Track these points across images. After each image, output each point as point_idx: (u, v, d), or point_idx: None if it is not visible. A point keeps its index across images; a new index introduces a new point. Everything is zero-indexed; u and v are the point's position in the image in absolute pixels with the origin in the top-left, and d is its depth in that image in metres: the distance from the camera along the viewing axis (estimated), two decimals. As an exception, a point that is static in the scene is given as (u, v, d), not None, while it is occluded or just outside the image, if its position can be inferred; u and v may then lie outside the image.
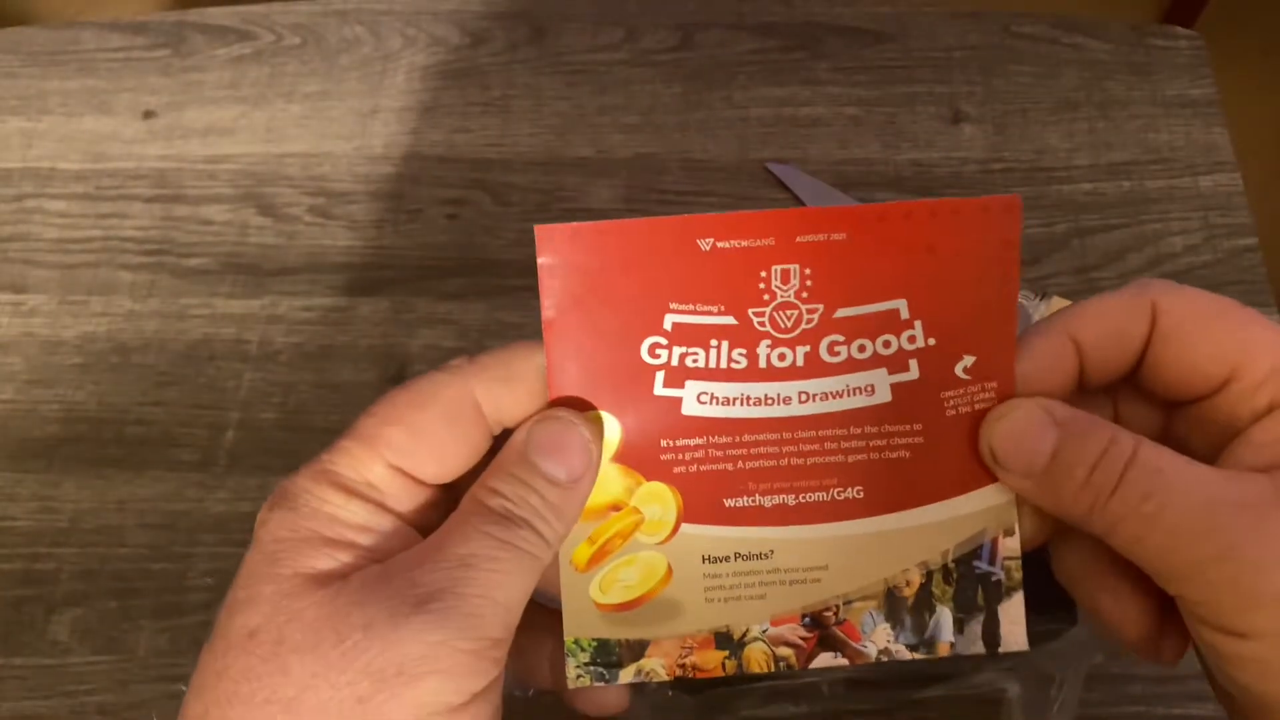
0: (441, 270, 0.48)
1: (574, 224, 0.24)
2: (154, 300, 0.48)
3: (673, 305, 0.25)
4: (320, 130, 0.52)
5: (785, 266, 0.25)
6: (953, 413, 0.26)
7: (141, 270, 0.49)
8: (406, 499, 0.25)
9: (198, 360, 0.47)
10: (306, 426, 0.45)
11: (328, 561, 0.23)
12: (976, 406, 0.26)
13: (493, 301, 0.47)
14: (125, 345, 0.47)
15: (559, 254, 0.24)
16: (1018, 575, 0.27)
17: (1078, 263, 0.48)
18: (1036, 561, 0.27)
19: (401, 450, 0.25)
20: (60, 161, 0.52)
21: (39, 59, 0.55)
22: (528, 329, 0.47)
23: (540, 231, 0.24)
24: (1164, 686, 0.39)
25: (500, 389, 0.25)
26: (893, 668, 0.35)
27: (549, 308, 0.25)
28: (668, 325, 0.25)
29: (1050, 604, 0.28)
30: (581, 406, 0.26)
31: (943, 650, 0.27)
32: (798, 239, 0.25)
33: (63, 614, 0.42)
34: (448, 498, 0.26)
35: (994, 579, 0.27)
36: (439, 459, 0.25)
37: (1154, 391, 0.26)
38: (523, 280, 0.48)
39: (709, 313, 0.25)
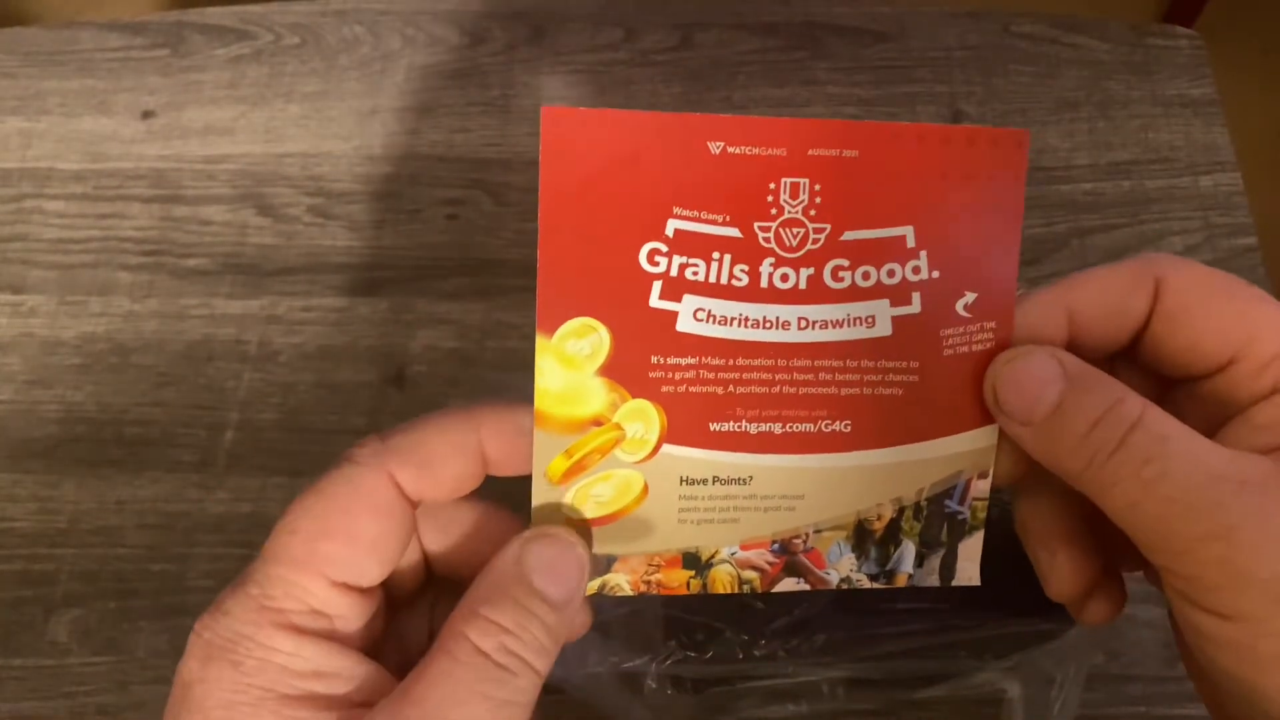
0: (441, 270, 0.48)
1: (584, 109, 0.23)
2: (153, 301, 0.48)
3: (676, 210, 0.24)
4: (319, 130, 0.52)
5: (795, 180, 0.24)
6: (950, 352, 0.26)
7: (140, 270, 0.49)
8: (354, 615, 0.23)
9: (197, 361, 0.47)
10: (306, 427, 0.45)
11: None
12: (974, 347, 0.26)
13: (492, 301, 0.47)
14: (124, 346, 0.47)
15: (564, 141, 0.23)
16: (982, 515, 0.27)
17: (1078, 263, 0.48)
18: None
19: (343, 565, 0.23)
20: (59, 162, 0.52)
21: (38, 59, 0.54)
22: (527, 329, 0.47)
23: (547, 113, 0.23)
24: (1164, 687, 0.39)
25: (418, 474, 0.24)
26: (893, 668, 0.35)
27: (547, 199, 0.23)
28: (669, 231, 0.24)
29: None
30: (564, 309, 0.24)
31: (900, 581, 0.27)
32: (810, 152, 0.24)
33: (62, 615, 0.42)
34: (383, 594, 0.25)
35: (960, 518, 0.27)
36: (380, 560, 0.24)
37: (1153, 367, 0.26)
38: (522, 280, 0.48)
39: (714, 222, 0.24)
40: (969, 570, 0.27)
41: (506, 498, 0.27)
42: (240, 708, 0.21)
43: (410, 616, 0.27)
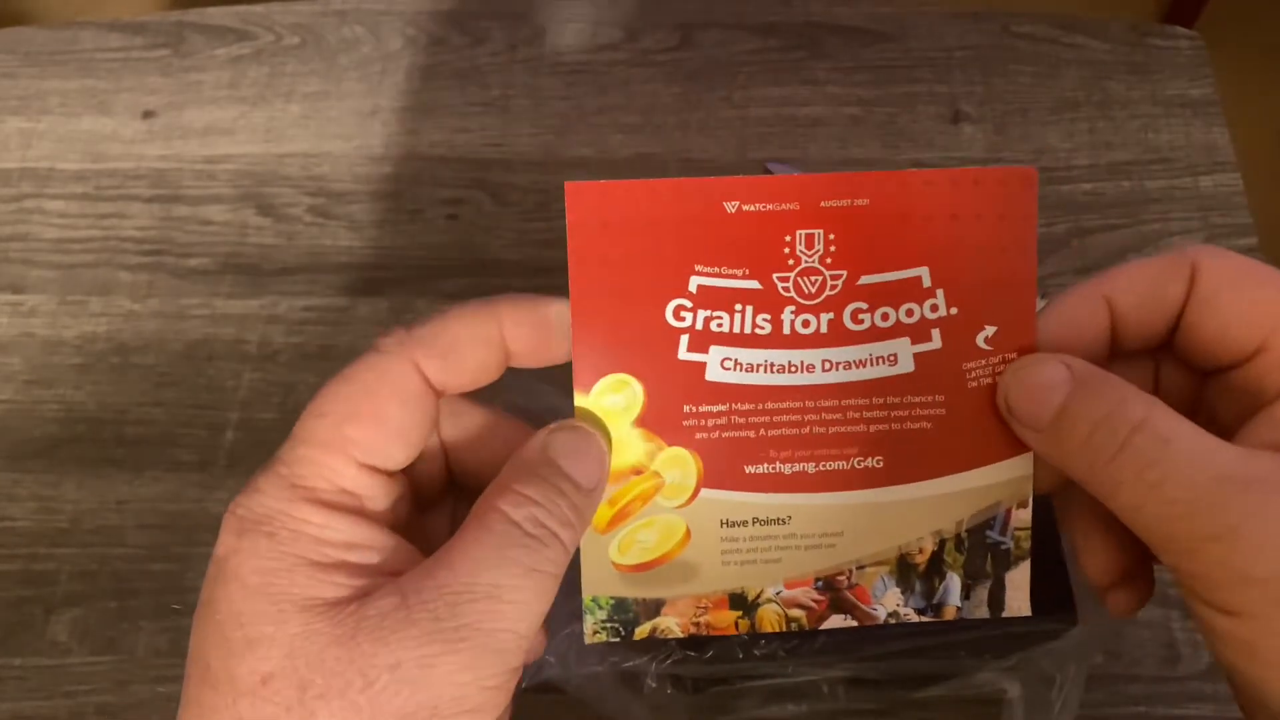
0: (441, 270, 0.48)
1: (604, 182, 0.25)
2: (153, 300, 0.48)
3: (698, 267, 0.25)
4: (320, 130, 0.52)
5: (809, 231, 0.25)
6: (974, 384, 0.26)
7: (141, 270, 0.49)
8: (381, 496, 0.24)
9: (197, 360, 0.47)
10: (306, 427, 0.45)
11: (328, 590, 0.22)
12: (997, 378, 0.26)
13: (492, 301, 0.47)
14: (125, 345, 0.47)
15: (588, 212, 0.25)
16: (1026, 545, 0.27)
17: (1078, 263, 0.48)
18: (1038, 561, 0.27)
19: (370, 447, 0.24)
20: (59, 161, 0.52)
21: (38, 59, 0.54)
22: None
23: (570, 188, 0.25)
24: (1164, 686, 0.39)
25: (441, 363, 0.25)
26: (893, 668, 0.35)
27: (576, 265, 0.25)
28: (693, 287, 0.25)
29: (1050, 604, 0.28)
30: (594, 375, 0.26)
31: (949, 614, 0.28)
32: (822, 204, 0.25)
33: (62, 614, 0.42)
34: (407, 480, 0.26)
35: (1003, 548, 0.27)
36: (405, 445, 0.25)
37: (1187, 358, 0.26)
38: (523, 280, 0.48)
39: (734, 276, 0.25)
40: (1018, 601, 0.28)
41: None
42: (276, 573, 0.22)
43: (434, 518, 0.28)
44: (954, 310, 0.26)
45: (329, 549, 0.23)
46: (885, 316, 0.26)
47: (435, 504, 0.28)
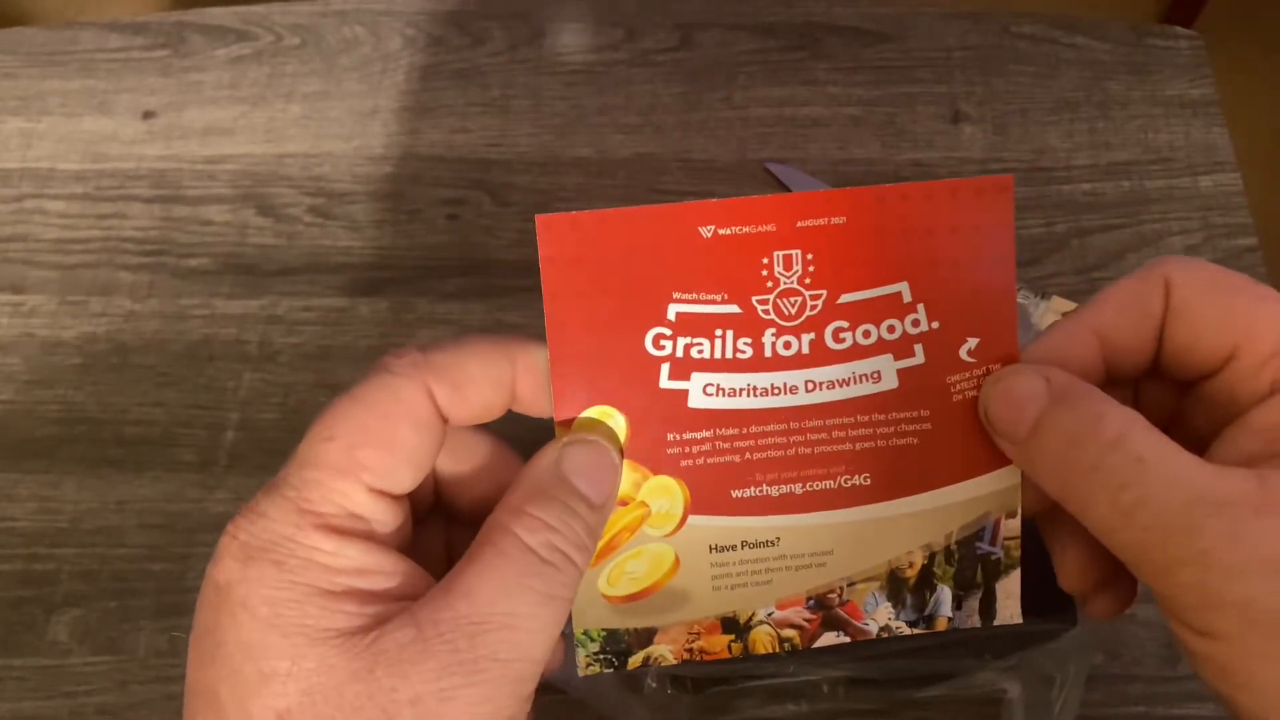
0: (441, 270, 0.48)
1: (574, 213, 0.24)
2: (154, 301, 0.48)
3: (676, 295, 0.25)
4: (320, 130, 0.52)
5: (787, 252, 0.25)
6: (959, 397, 0.26)
7: (141, 271, 0.49)
8: (389, 519, 0.24)
9: (198, 360, 0.47)
10: (306, 427, 0.45)
11: (340, 620, 0.22)
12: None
13: (492, 302, 0.47)
14: (125, 345, 0.47)
15: (560, 244, 0.24)
16: (1016, 554, 0.27)
17: (1078, 263, 0.48)
18: (1038, 562, 0.27)
19: (382, 472, 0.23)
20: (60, 162, 0.52)
21: (39, 59, 0.55)
22: (528, 330, 0.47)
23: (541, 221, 0.24)
24: (1164, 686, 0.39)
25: (453, 393, 0.24)
26: (893, 667, 0.35)
27: (551, 299, 0.24)
28: (671, 315, 0.25)
29: (1050, 604, 0.28)
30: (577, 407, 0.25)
31: (940, 625, 0.28)
32: (798, 224, 0.25)
33: (62, 615, 0.42)
34: (409, 502, 0.26)
35: (994, 558, 0.27)
36: (414, 469, 0.24)
37: (1166, 371, 0.26)
38: (523, 280, 0.48)
39: (713, 301, 0.25)
40: (1010, 609, 0.28)
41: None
42: (286, 604, 0.21)
43: (424, 533, 0.27)
44: (935, 324, 0.26)
45: (340, 576, 0.22)
46: (867, 334, 0.26)
47: (425, 520, 0.28)
